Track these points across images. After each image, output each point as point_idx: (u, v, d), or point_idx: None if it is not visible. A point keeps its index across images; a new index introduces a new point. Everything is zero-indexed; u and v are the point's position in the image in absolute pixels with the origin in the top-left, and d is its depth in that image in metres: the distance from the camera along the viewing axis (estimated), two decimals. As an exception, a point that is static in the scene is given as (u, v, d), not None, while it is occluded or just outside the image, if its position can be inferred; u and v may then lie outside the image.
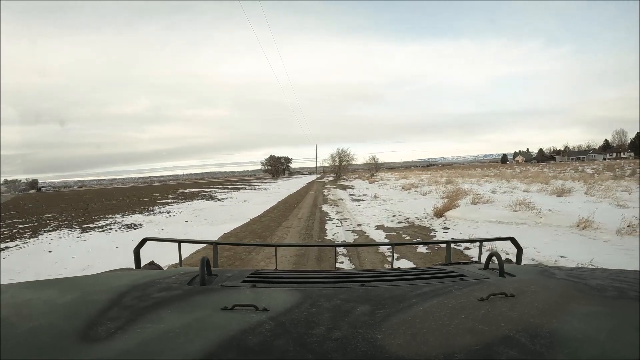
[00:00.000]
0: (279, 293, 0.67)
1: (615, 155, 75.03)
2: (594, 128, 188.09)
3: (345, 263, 4.08)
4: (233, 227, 7.89)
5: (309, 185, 30.38)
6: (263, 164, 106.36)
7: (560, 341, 0.46)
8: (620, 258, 3.95)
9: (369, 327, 0.50)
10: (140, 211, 13.31)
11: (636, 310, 0.55)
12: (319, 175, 56.68)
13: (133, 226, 9.24)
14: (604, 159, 68.84)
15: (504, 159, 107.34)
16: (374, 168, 40.28)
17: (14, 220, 12.44)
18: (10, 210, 17.38)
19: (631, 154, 70.49)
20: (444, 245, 2.51)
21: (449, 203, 8.14)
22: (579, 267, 0.87)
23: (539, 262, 3.51)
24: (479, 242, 1.20)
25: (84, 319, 0.54)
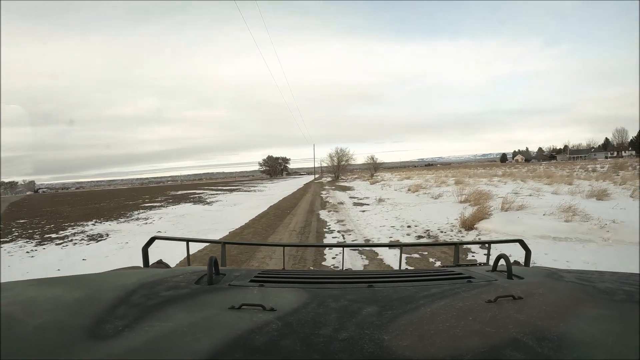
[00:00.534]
0: (286, 293, 0.66)
1: (616, 153, 73.87)
2: (592, 127, 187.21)
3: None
4: (206, 244, 6.20)
5: (306, 186, 28.65)
6: (261, 164, 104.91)
7: (568, 344, 0.45)
8: None
9: (375, 328, 0.50)
10: (118, 217, 11.85)
11: None
12: (316, 176, 54.88)
13: (97, 238, 7.89)
14: (606, 157, 67.61)
15: (504, 158, 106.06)
16: (373, 168, 38.53)
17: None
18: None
19: (632, 152, 69.47)
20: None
21: (478, 212, 6.42)
22: (587, 270, 0.84)
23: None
24: (487, 244, 1.18)
25: (91, 317, 0.53)
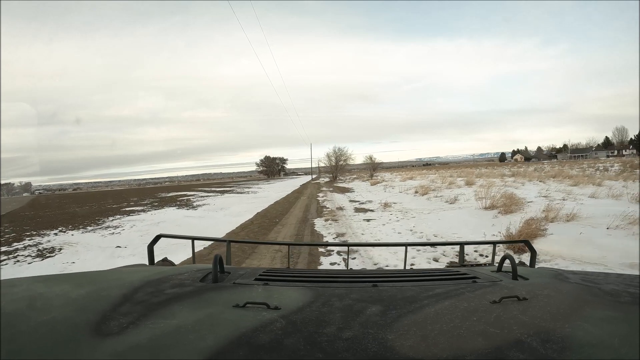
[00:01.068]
0: (290, 292, 0.65)
1: (616, 152, 72.71)
2: (589, 126, 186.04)
3: None
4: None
5: (303, 187, 26.92)
6: (258, 165, 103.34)
7: (572, 346, 0.45)
8: None
9: (379, 328, 0.50)
10: (88, 225, 10.53)
11: None
12: (314, 176, 53.05)
13: (47, 252, 6.69)
14: (607, 156, 66.26)
15: (502, 157, 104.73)
16: (373, 168, 36.82)
17: None
18: None
19: (633, 151, 68.36)
20: None
21: (526, 225, 4.71)
22: (593, 272, 0.84)
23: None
24: (493, 245, 1.16)
25: (97, 313, 0.54)
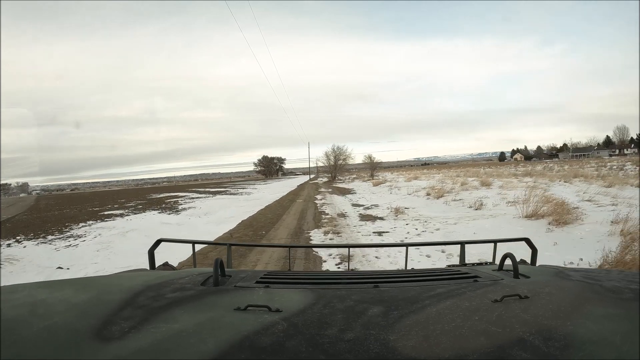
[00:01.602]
0: (292, 294, 0.65)
1: (618, 152, 71.53)
2: (588, 125, 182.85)
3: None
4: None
5: (300, 188, 25.21)
6: (256, 164, 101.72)
7: (575, 344, 0.44)
8: None
9: (381, 329, 0.49)
10: (51, 233, 9.32)
11: None
12: (311, 176, 51.25)
13: None
14: (610, 155, 64.99)
15: (502, 157, 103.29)
16: (373, 167, 35.07)
17: None
18: None
19: (635, 150, 67.24)
20: None
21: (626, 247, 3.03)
22: (594, 269, 0.84)
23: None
24: (494, 243, 1.12)
25: (98, 318, 0.53)
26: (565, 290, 0.64)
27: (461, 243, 1.16)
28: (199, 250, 4.37)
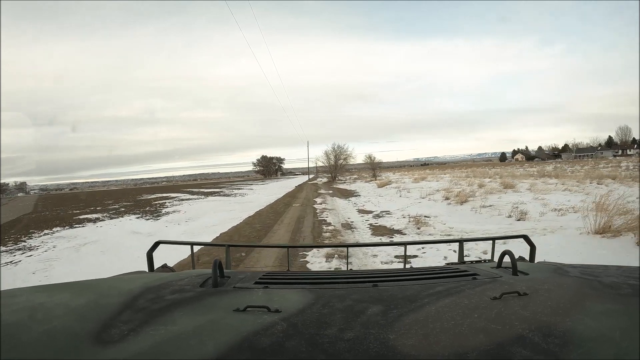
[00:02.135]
0: (291, 294, 0.64)
1: (621, 152, 70.06)
2: (587, 125, 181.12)
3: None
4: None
5: (298, 189, 23.43)
6: (255, 164, 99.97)
7: (574, 340, 0.44)
8: None
9: (381, 328, 0.49)
10: (5, 243, 8.29)
11: None
12: (311, 176, 49.43)
13: None
14: (614, 156, 63.46)
15: (503, 157, 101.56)
16: (375, 168, 33.23)
17: None
18: None
19: (638, 150, 65.86)
20: None
21: None
22: (592, 265, 0.82)
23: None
24: (492, 240, 1.14)
25: (97, 322, 0.53)
26: (564, 287, 0.64)
27: (459, 241, 1.16)
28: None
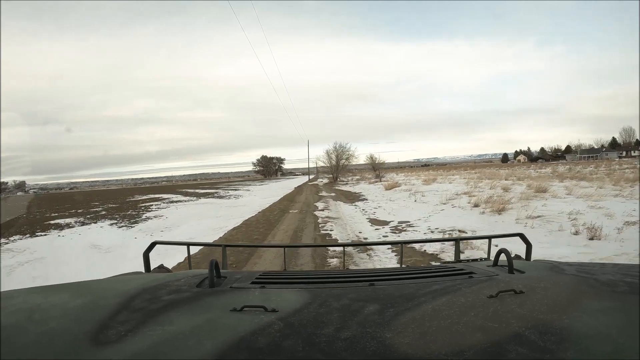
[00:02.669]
0: (287, 294, 0.64)
1: (625, 153, 68.38)
2: (587, 126, 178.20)
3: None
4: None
5: (297, 190, 21.67)
6: (254, 164, 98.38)
7: (571, 338, 0.44)
8: None
9: (378, 326, 0.49)
10: None
11: None
12: (311, 177, 47.64)
13: None
14: (620, 157, 61.72)
15: (505, 158, 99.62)
16: (378, 168, 31.45)
17: None
18: None
19: (642, 152, 64.21)
20: None
21: None
22: (589, 262, 0.81)
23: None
24: (488, 239, 1.15)
25: (95, 323, 0.53)
26: (561, 285, 0.64)
27: (456, 239, 1.15)
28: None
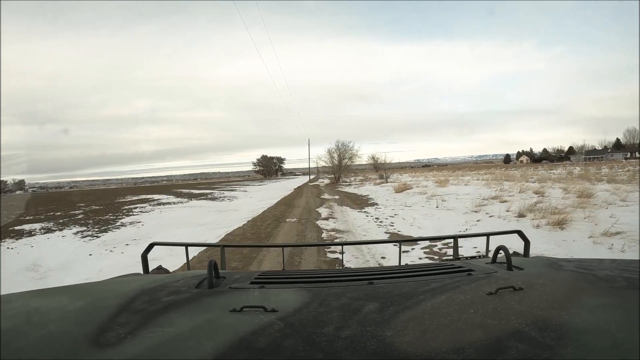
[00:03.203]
0: (287, 293, 0.63)
1: (629, 154, 66.80)
2: (587, 127, 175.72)
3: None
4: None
5: (297, 192, 19.94)
6: (254, 164, 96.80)
7: (570, 333, 0.44)
8: None
9: (378, 325, 0.48)
10: None
11: None
12: (311, 177, 45.82)
13: None
14: (625, 158, 60.12)
15: (507, 159, 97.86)
16: (382, 168, 29.67)
17: None
18: None
19: (647, 153, 62.66)
20: None
21: None
22: (587, 258, 0.81)
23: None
24: (486, 237, 1.10)
25: (94, 325, 0.52)
26: (559, 281, 0.63)
27: (454, 237, 1.14)
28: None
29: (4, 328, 0.51)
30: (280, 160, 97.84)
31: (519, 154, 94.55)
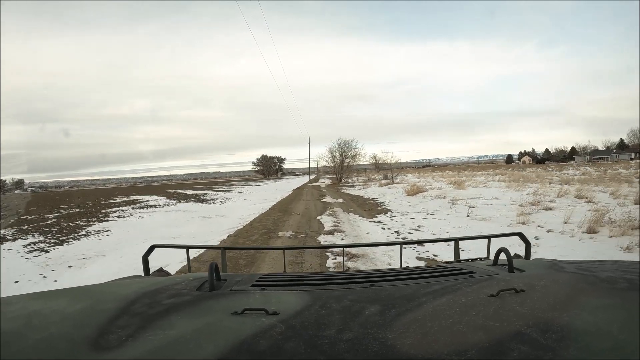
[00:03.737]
0: (288, 296, 0.63)
1: (634, 155, 65.18)
2: (587, 128, 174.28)
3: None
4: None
5: (296, 194, 18.30)
6: (254, 164, 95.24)
7: (572, 335, 0.44)
8: None
9: (379, 327, 0.48)
10: None
11: None
12: (311, 177, 44.11)
13: None
14: (631, 159, 58.45)
15: (509, 159, 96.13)
16: (388, 168, 27.99)
17: None
18: None
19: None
20: None
21: None
22: (588, 260, 0.80)
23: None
24: (487, 239, 1.09)
25: (94, 328, 0.51)
26: (561, 283, 0.63)
27: (455, 239, 1.12)
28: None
29: (4, 330, 0.50)
30: (280, 160, 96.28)
31: (521, 155, 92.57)
